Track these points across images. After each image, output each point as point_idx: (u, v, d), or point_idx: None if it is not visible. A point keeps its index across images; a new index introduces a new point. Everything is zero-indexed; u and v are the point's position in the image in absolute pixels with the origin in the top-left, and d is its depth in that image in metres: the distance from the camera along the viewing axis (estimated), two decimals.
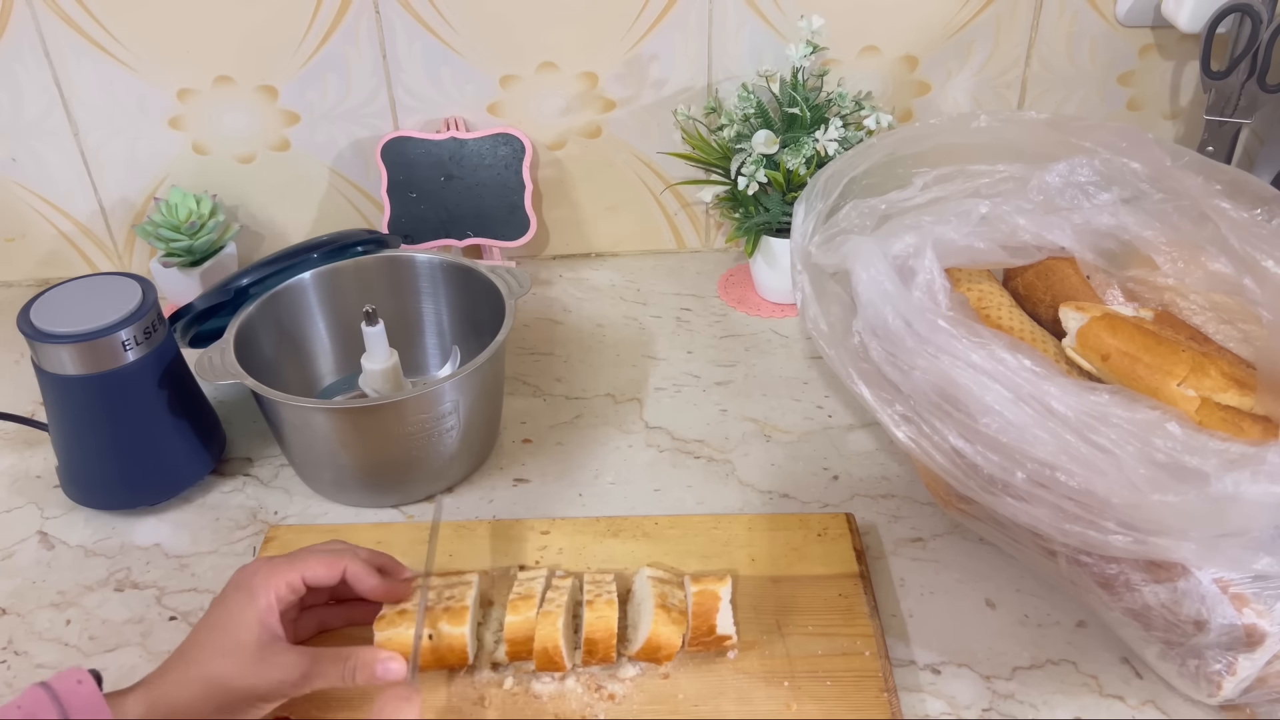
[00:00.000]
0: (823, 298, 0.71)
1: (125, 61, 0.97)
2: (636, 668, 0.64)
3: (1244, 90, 0.92)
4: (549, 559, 0.72)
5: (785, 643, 0.65)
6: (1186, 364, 0.65)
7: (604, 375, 0.93)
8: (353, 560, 0.62)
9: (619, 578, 0.69)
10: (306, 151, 1.03)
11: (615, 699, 0.62)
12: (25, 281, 1.10)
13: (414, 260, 0.88)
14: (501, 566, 0.71)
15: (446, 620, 0.62)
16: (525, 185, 1.02)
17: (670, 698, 0.62)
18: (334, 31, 0.96)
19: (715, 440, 0.85)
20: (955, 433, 0.61)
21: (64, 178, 1.03)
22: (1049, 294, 0.79)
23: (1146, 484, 0.54)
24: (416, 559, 0.72)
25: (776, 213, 0.95)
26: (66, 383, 0.73)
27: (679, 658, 0.64)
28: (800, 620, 0.66)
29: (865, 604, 0.67)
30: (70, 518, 0.79)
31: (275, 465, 0.83)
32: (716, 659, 0.64)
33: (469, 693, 0.63)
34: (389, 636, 0.61)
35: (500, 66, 0.99)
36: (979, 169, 0.78)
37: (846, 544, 0.72)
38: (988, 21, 0.99)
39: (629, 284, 1.07)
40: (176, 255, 0.98)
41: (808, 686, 0.62)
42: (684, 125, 1.00)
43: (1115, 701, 0.63)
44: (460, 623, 0.63)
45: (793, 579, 0.70)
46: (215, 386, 0.76)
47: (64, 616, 0.71)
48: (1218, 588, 0.57)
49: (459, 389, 0.75)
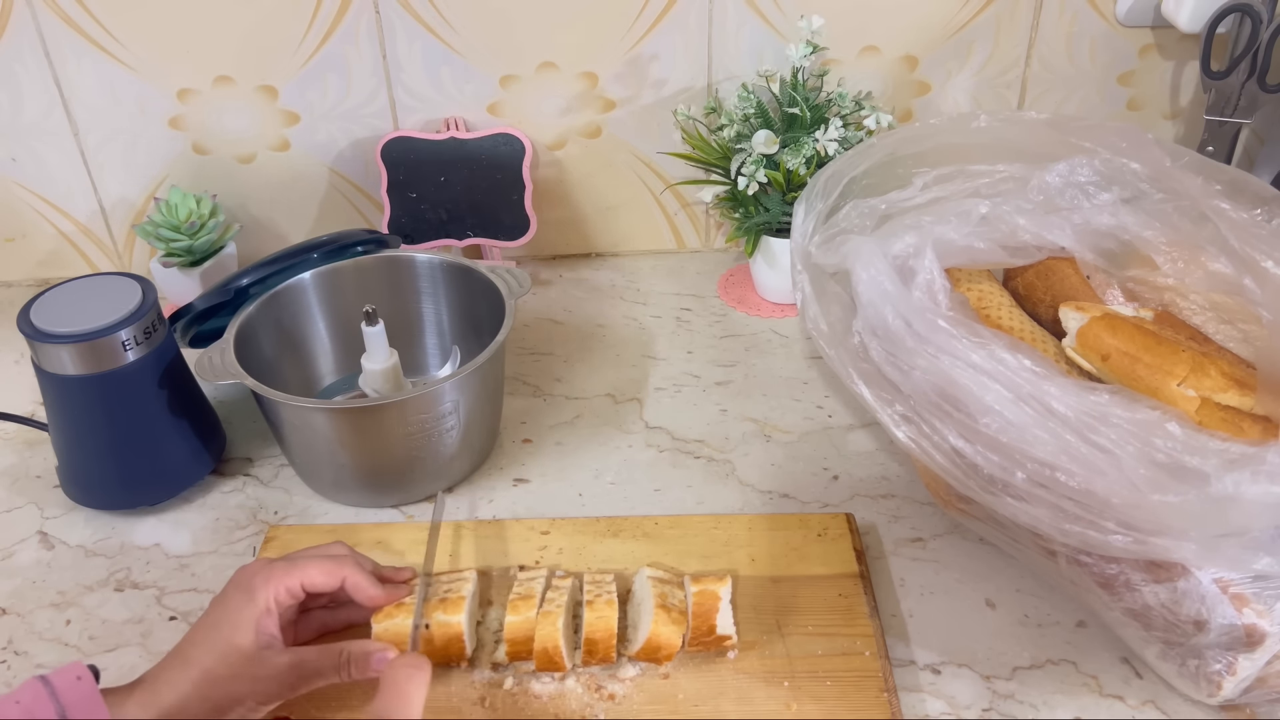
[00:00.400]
0: (823, 298, 0.71)
1: (125, 61, 0.97)
2: (636, 668, 0.64)
3: (1244, 90, 0.92)
4: (549, 559, 0.72)
5: (785, 643, 0.65)
6: (1186, 364, 0.65)
7: (604, 375, 0.93)
8: (353, 570, 0.62)
9: (619, 578, 0.69)
10: (306, 151, 1.03)
11: (615, 699, 0.62)
12: (25, 281, 1.10)
13: (414, 260, 0.88)
14: (501, 566, 0.71)
15: (442, 610, 0.63)
16: (525, 185, 1.02)
17: (670, 698, 0.62)
18: (334, 31, 0.96)
19: (715, 440, 0.85)
20: (955, 433, 0.61)
21: (64, 178, 1.03)
22: (1049, 294, 0.79)
23: (1146, 484, 0.54)
24: (416, 559, 0.72)
25: (776, 213, 0.95)
26: (66, 383, 0.73)
27: (679, 658, 0.64)
28: (800, 620, 0.66)
29: (865, 604, 0.67)
30: (70, 518, 0.79)
31: (275, 465, 0.83)
32: (716, 659, 0.64)
33: (469, 693, 0.63)
34: (385, 628, 0.62)
35: (500, 66, 0.99)
36: (979, 169, 0.78)
37: (846, 544, 0.72)
38: (988, 21, 0.99)
39: (629, 284, 1.07)
40: (176, 255, 0.98)
41: (808, 686, 0.62)
42: (684, 125, 1.00)
43: (1115, 701, 0.63)
44: (456, 612, 0.63)
45: (793, 579, 0.70)
46: (215, 386, 0.76)
47: (64, 616, 0.71)
48: (1218, 588, 0.57)
49: (459, 389, 0.75)
